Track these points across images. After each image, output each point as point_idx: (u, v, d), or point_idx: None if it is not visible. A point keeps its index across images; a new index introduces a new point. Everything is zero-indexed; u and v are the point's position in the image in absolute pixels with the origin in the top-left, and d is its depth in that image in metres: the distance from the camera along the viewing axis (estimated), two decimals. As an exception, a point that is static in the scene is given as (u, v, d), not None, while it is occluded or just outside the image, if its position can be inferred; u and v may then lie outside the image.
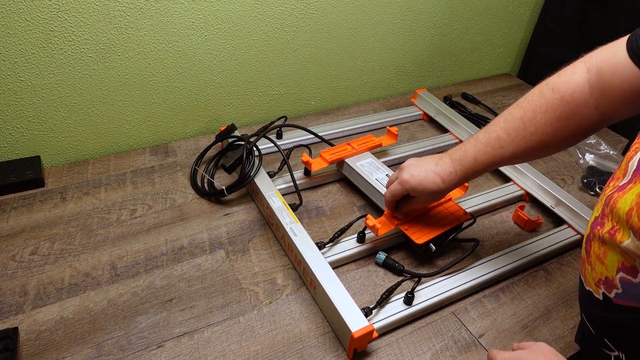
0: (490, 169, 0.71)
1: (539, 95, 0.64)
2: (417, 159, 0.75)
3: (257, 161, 0.88)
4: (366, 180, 0.89)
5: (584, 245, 0.56)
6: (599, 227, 0.51)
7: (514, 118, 0.66)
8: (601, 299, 0.51)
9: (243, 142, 0.91)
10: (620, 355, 0.52)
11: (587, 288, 0.54)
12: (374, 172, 0.90)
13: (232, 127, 0.97)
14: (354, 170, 0.91)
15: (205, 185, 0.91)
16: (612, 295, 0.49)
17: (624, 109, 0.60)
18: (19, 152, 0.93)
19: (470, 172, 0.70)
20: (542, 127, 0.64)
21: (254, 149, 0.89)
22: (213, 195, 0.89)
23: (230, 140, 0.95)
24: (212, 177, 0.93)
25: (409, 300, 0.70)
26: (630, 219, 0.45)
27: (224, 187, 0.86)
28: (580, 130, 0.63)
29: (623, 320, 0.50)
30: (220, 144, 0.99)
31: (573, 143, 0.67)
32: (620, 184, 0.50)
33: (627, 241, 0.45)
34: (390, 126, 1.02)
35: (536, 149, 0.66)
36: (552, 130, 0.64)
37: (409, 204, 0.76)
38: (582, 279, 0.56)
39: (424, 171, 0.72)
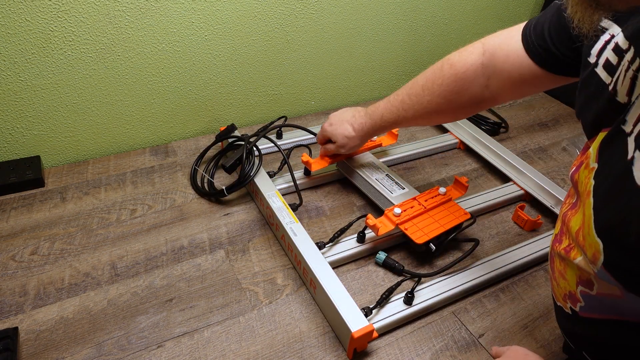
0: (398, 127, 0.82)
1: (439, 69, 0.72)
2: (344, 109, 0.88)
3: (257, 161, 0.88)
4: (366, 180, 0.89)
5: (549, 262, 0.57)
6: (557, 244, 0.52)
7: (417, 85, 0.75)
8: (570, 313, 0.52)
9: (243, 142, 0.91)
10: None
11: (558, 304, 0.55)
12: (374, 172, 0.90)
13: (232, 127, 0.97)
14: (354, 170, 0.91)
15: (205, 185, 0.91)
16: (577, 308, 0.50)
17: (511, 92, 0.66)
18: (19, 152, 0.93)
19: (377, 126, 0.81)
20: (437, 97, 0.72)
21: (254, 149, 0.89)
22: (213, 195, 0.89)
23: (230, 140, 0.95)
24: (212, 177, 0.93)
25: (409, 300, 0.70)
26: (577, 237, 0.46)
27: (224, 187, 0.86)
28: (471, 104, 0.71)
29: (593, 332, 0.51)
30: (220, 144, 0.99)
31: (466, 114, 0.77)
32: (573, 201, 0.51)
33: (579, 258, 0.47)
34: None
35: (433, 115, 0.76)
36: (444, 101, 0.72)
37: (332, 145, 0.87)
38: (553, 295, 0.57)
39: (340, 121, 0.86)
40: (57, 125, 0.93)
